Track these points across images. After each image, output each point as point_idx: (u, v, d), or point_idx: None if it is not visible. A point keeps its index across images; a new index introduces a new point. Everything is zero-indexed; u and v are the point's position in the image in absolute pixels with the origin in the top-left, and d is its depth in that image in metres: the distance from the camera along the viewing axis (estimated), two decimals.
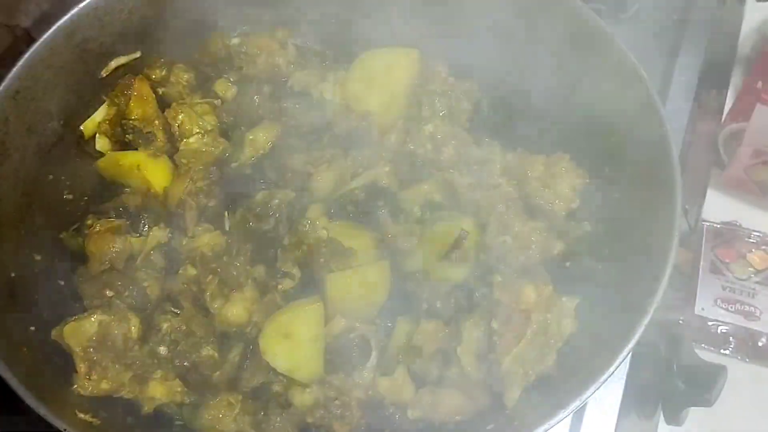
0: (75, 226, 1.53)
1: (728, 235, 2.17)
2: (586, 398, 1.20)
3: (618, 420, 1.52)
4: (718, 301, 2.08)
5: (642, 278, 1.28)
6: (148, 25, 1.68)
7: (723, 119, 2.24)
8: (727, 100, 2.29)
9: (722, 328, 2.06)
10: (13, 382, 1.13)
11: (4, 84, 1.45)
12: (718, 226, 2.19)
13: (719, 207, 2.23)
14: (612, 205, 1.46)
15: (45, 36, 1.53)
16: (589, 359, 1.29)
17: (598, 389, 1.21)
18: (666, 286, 1.22)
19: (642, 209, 1.37)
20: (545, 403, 1.28)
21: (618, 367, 1.20)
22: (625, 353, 1.20)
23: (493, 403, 1.36)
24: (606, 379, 1.21)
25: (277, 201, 1.56)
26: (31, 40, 1.73)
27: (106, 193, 1.63)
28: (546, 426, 1.19)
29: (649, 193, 1.36)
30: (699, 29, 2.11)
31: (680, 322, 2.05)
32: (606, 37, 1.48)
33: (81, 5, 1.57)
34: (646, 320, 1.19)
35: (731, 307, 1.97)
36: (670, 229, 1.26)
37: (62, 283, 1.49)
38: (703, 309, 2.08)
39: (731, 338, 1.93)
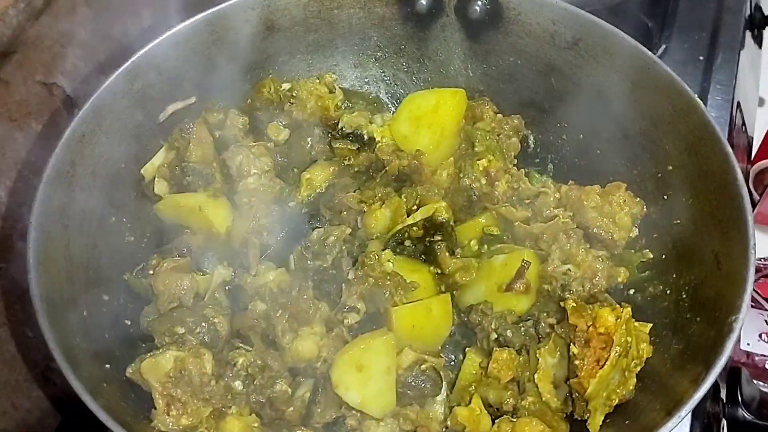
0: (139, 267, 1.53)
1: (766, 270, 2.18)
2: (675, 425, 1.18)
3: None
4: (763, 336, 2.08)
5: (719, 300, 1.28)
6: (203, 71, 1.71)
7: (752, 157, 2.28)
8: (755, 139, 2.34)
9: None
10: (101, 415, 1.11)
11: (71, 127, 1.47)
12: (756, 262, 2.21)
13: None
14: (674, 230, 1.48)
15: (108, 81, 1.55)
16: (670, 385, 1.28)
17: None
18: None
19: (710, 234, 1.38)
20: (629, 429, 1.26)
21: (706, 390, 1.19)
22: (712, 377, 1.18)
23: (572, 430, 1.35)
24: (693, 406, 1.19)
25: (333, 238, 1.57)
26: (68, 99, 1.78)
27: (166, 234, 1.64)
28: None
29: (716, 218, 1.37)
30: (726, 71, 2.16)
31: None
32: (653, 62, 1.52)
33: (140, 52, 1.60)
34: (732, 339, 1.18)
35: None
36: (744, 250, 1.28)
37: (128, 323, 1.49)
38: (748, 344, 2.08)
39: None
